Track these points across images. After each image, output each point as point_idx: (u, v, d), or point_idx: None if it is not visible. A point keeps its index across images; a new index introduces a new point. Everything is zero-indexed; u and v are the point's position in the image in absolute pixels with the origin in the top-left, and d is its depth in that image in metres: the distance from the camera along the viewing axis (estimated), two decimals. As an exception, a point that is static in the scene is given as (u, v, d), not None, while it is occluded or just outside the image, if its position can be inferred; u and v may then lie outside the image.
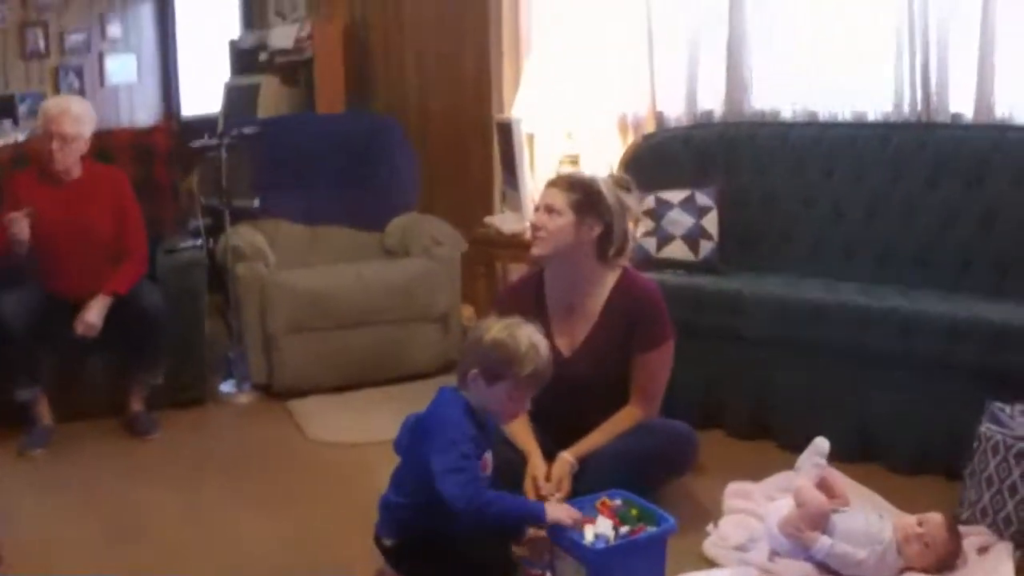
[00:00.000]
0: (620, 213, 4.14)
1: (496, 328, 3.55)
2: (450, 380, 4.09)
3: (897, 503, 4.13)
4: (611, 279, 4.23)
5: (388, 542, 3.63)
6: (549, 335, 4.08)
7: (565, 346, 4.21)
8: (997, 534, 3.78)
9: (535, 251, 4.18)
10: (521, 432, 4.12)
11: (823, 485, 3.84)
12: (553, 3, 6.78)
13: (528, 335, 3.53)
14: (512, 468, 3.95)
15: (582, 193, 4.10)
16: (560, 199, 4.09)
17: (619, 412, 4.16)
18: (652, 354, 4.17)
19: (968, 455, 3.97)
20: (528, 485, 4.00)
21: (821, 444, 3.92)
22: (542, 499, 3.87)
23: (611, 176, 4.36)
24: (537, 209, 4.17)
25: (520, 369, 3.48)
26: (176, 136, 6.56)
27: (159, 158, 6.29)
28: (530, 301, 4.26)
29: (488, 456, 3.59)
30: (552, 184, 4.20)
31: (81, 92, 10.48)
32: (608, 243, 4.13)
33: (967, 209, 4.97)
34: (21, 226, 5.22)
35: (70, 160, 5.42)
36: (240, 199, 5.95)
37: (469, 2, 7.42)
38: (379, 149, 6.93)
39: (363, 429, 5.29)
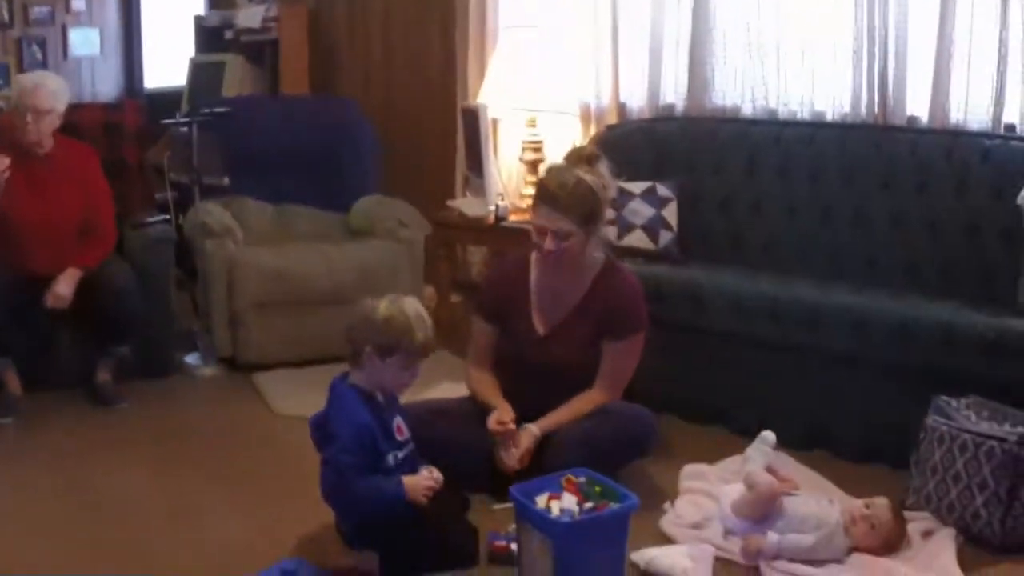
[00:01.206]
0: (606, 198, 4.26)
1: (383, 305, 3.65)
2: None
3: (845, 489, 4.25)
4: (595, 267, 4.35)
5: (345, 527, 3.77)
6: (528, 315, 4.24)
7: (542, 325, 4.33)
8: (941, 520, 3.93)
9: (556, 270, 4.28)
10: (487, 389, 4.32)
11: (772, 471, 3.98)
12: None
13: (413, 306, 3.67)
14: (471, 447, 4.16)
15: (583, 208, 4.15)
16: (565, 223, 4.12)
17: (582, 394, 4.27)
18: (623, 343, 4.29)
19: (915, 445, 4.11)
20: (492, 420, 4.18)
21: (768, 436, 4.04)
22: (505, 432, 4.15)
23: (582, 155, 4.32)
24: (543, 232, 4.17)
25: (411, 340, 3.60)
26: (145, 114, 6.62)
27: (128, 135, 6.36)
28: (516, 285, 4.40)
29: (399, 421, 3.75)
30: (552, 206, 4.15)
31: (44, 64, 10.44)
32: (600, 227, 4.31)
33: (917, 212, 5.05)
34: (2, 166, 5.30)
35: (44, 134, 5.45)
36: (209, 176, 6.03)
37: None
38: (342, 132, 7.01)
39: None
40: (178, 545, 3.94)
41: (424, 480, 3.66)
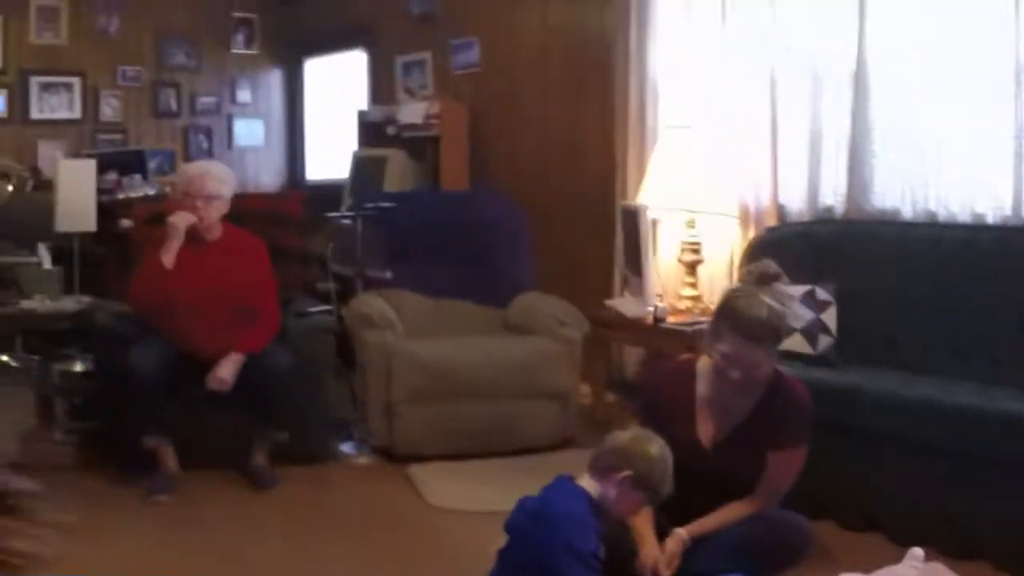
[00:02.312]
0: (790, 319, 4.21)
1: (656, 446, 3.73)
2: (565, 458, 4.20)
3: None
4: (766, 379, 4.22)
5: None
6: (691, 424, 4.19)
7: (707, 439, 4.24)
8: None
9: (729, 389, 4.18)
10: (643, 522, 4.16)
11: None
12: (680, 93, 6.95)
13: (671, 460, 3.73)
14: (619, 544, 4.03)
15: (776, 339, 4.12)
16: (759, 354, 4.04)
17: (738, 501, 4.18)
18: (786, 453, 4.18)
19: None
20: (645, 567, 4.05)
21: (916, 552, 3.99)
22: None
23: (767, 275, 4.18)
24: (730, 361, 4.06)
25: (663, 489, 3.69)
26: (307, 204, 6.76)
27: (291, 225, 6.51)
28: (679, 390, 4.31)
29: (600, 549, 3.73)
30: (745, 337, 4.03)
31: (209, 153, 10.80)
32: None
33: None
34: (187, 218, 5.51)
35: (213, 218, 5.65)
36: (372, 269, 6.13)
37: (594, 89, 7.63)
38: (500, 228, 7.10)
39: (478, 498, 5.40)
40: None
41: None
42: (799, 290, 5.50)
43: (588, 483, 3.75)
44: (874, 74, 5.91)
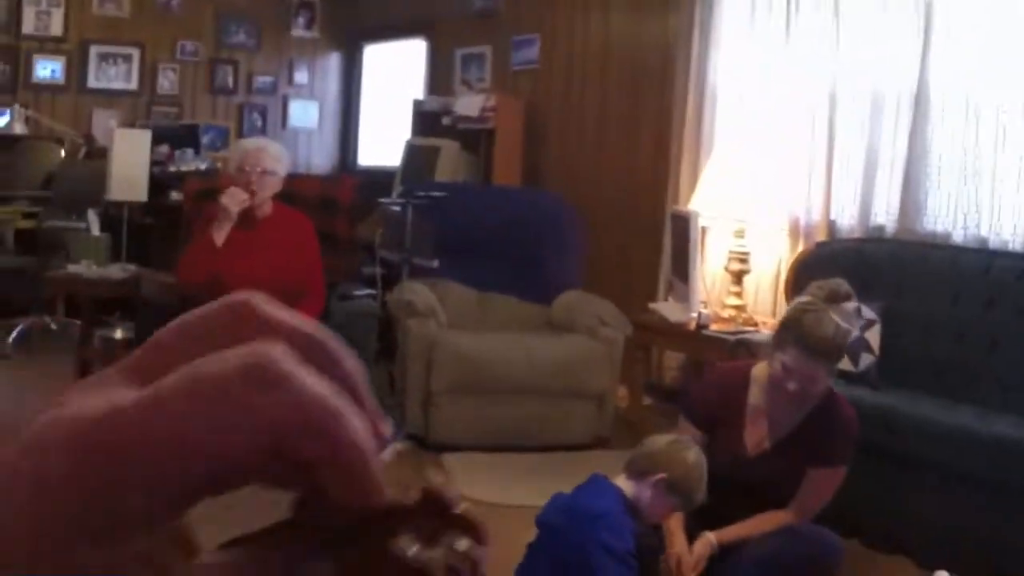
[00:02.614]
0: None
1: (693, 452, 3.72)
2: (598, 457, 4.19)
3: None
4: (818, 394, 4.19)
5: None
6: (739, 431, 4.19)
7: (752, 447, 4.23)
8: None
9: (784, 402, 4.15)
10: (674, 520, 4.15)
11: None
12: (738, 103, 6.96)
13: (706, 468, 3.72)
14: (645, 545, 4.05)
15: (838, 358, 4.11)
16: (819, 370, 4.01)
17: (772, 511, 4.15)
18: (826, 471, 4.16)
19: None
20: (671, 563, 4.06)
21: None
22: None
23: (839, 293, 4.15)
24: (790, 373, 4.03)
25: (697, 496, 3.68)
26: (359, 190, 6.78)
27: (341, 209, 6.53)
28: (732, 395, 4.29)
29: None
30: (808, 354, 3.99)
31: (263, 131, 10.83)
32: None
33: None
34: (240, 198, 5.51)
35: (265, 194, 5.65)
36: (419, 257, 6.15)
37: (651, 94, 7.64)
38: (551, 227, 7.11)
39: (510, 492, 5.41)
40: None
41: None
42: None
43: (623, 483, 3.75)
44: (935, 96, 5.89)
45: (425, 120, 9.53)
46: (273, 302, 0.48)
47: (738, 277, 6.38)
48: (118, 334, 6.64)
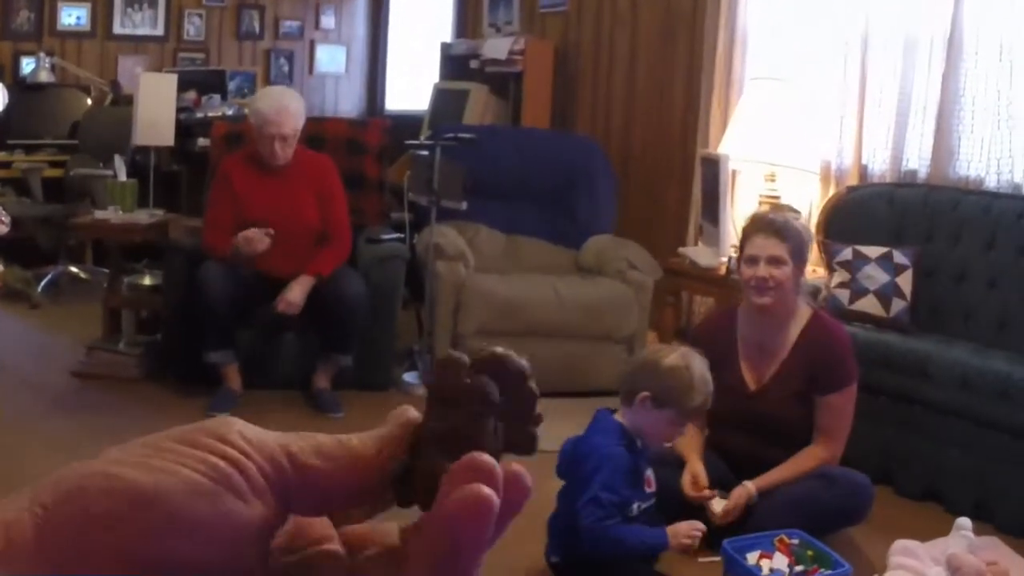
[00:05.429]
0: (811, 241, 4.30)
1: (673, 356, 3.66)
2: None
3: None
4: (802, 319, 4.31)
5: (555, 559, 3.78)
6: (737, 369, 4.22)
7: (752, 381, 4.32)
8: None
9: (764, 300, 4.23)
10: (686, 443, 4.22)
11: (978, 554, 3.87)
12: (769, 46, 6.90)
13: (700, 367, 3.66)
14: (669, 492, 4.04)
15: (796, 239, 4.22)
16: (781, 249, 4.17)
17: (803, 451, 4.21)
18: (836, 396, 4.22)
19: None
20: (686, 481, 4.11)
21: (964, 522, 3.94)
22: (701, 498, 4.04)
23: (782, 208, 4.43)
24: (756, 260, 4.23)
25: (690, 400, 3.60)
26: (388, 133, 6.74)
27: (370, 152, 6.51)
28: (724, 336, 4.39)
29: (650, 474, 3.72)
30: (766, 233, 4.25)
31: (290, 77, 10.80)
32: (805, 271, 4.36)
33: None
34: (257, 245, 5.48)
35: (289, 154, 5.66)
36: (447, 200, 6.12)
37: (683, 37, 7.56)
38: (582, 171, 7.08)
39: (542, 438, 5.38)
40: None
41: (688, 529, 3.63)
42: (876, 251, 5.47)
43: (621, 415, 3.72)
44: (968, 40, 5.80)
45: (453, 64, 9.48)
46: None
47: (769, 222, 6.31)
48: (146, 281, 6.62)
